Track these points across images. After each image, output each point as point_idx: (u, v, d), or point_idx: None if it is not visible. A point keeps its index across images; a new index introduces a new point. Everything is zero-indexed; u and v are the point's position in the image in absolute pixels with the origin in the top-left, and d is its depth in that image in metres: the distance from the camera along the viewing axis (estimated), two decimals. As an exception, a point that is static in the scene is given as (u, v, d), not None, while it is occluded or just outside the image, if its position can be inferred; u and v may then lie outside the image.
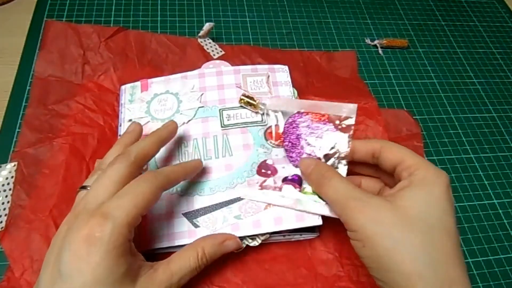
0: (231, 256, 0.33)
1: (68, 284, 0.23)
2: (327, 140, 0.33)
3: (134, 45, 0.45)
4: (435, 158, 0.43)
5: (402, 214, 0.26)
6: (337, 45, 0.52)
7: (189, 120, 0.37)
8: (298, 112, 0.35)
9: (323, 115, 0.34)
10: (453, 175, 0.43)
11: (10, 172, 0.35)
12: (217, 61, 0.45)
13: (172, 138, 0.34)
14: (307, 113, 0.35)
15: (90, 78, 0.42)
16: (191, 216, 0.33)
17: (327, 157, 0.33)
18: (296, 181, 0.34)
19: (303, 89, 0.44)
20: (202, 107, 0.38)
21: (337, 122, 0.34)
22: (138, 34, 0.46)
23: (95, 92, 0.41)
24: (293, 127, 0.35)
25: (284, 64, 0.41)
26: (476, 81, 0.52)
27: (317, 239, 0.35)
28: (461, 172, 0.43)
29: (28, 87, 0.41)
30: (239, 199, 0.33)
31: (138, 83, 0.40)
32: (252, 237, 0.33)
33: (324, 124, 0.34)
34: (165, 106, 0.38)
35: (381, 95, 0.48)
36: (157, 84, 0.40)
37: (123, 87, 0.40)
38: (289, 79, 0.40)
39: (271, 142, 0.36)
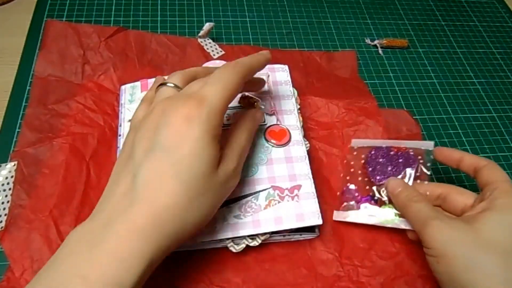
0: (231, 256, 0.33)
1: (166, 154, 0.25)
2: (409, 169, 0.37)
3: (134, 45, 0.45)
4: (435, 158, 0.43)
5: (479, 236, 0.28)
6: (337, 45, 0.52)
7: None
8: (376, 147, 0.39)
9: (405, 148, 0.38)
10: (453, 175, 0.43)
11: (10, 171, 0.35)
12: (217, 61, 0.45)
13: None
14: (387, 147, 0.39)
15: (90, 78, 0.42)
16: (191, 216, 0.32)
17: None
18: (370, 200, 0.37)
19: (303, 89, 0.44)
20: (202, 107, 0.38)
21: (414, 154, 0.38)
22: (138, 34, 0.46)
23: (95, 92, 0.41)
24: (376, 157, 0.38)
25: (284, 64, 0.41)
26: (476, 81, 0.52)
27: (317, 239, 0.35)
28: (461, 172, 0.43)
29: (28, 87, 0.41)
30: (238, 198, 0.33)
31: (138, 83, 0.40)
32: (252, 237, 0.33)
33: (406, 155, 0.38)
34: (165, 106, 0.38)
35: (381, 95, 0.48)
36: (157, 84, 0.40)
37: (123, 87, 0.40)
38: (289, 78, 0.40)
39: (271, 142, 0.36)
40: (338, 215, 0.36)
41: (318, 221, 0.33)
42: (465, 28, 0.58)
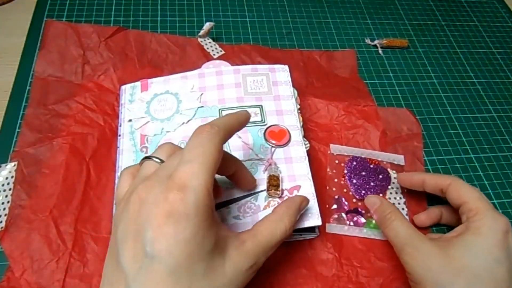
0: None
1: (159, 265, 0.21)
2: (383, 180, 0.39)
3: (134, 45, 0.45)
4: (435, 158, 0.43)
5: (450, 262, 0.29)
6: (337, 45, 0.52)
7: (189, 120, 0.37)
8: (356, 157, 0.40)
9: (379, 161, 0.41)
10: (453, 175, 0.43)
11: (10, 172, 0.35)
12: (217, 61, 0.45)
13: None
14: (365, 158, 0.40)
15: (90, 78, 0.42)
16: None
17: (384, 192, 0.39)
18: (360, 212, 0.37)
19: (303, 89, 0.44)
20: (202, 107, 0.38)
21: (389, 168, 0.40)
22: (138, 34, 0.46)
23: (95, 92, 0.41)
24: (354, 168, 0.40)
25: (284, 64, 0.41)
26: (476, 81, 0.52)
27: (317, 239, 0.35)
28: (461, 172, 0.43)
29: (28, 87, 0.41)
30: (237, 199, 0.33)
31: (138, 83, 0.40)
32: (252, 237, 0.33)
33: (380, 167, 0.40)
34: (164, 106, 0.38)
35: (381, 95, 0.48)
36: (157, 84, 0.40)
37: (123, 87, 0.41)
38: (289, 78, 0.40)
39: (271, 143, 0.36)
40: (330, 228, 0.36)
41: (318, 222, 0.33)
42: (465, 28, 0.58)
